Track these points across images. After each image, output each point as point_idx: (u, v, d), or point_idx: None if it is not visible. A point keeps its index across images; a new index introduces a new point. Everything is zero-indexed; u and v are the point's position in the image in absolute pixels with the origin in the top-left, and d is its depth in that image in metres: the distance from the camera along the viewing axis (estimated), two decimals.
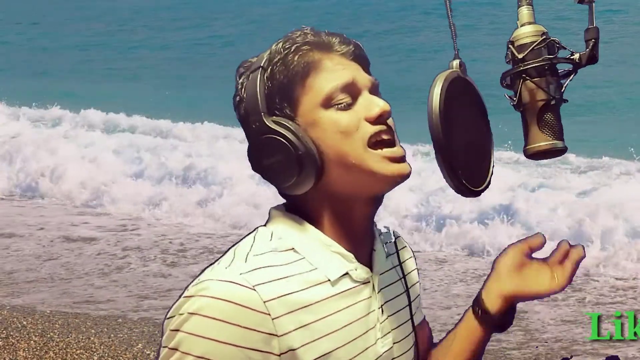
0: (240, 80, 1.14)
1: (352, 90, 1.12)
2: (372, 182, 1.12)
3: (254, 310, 1.02)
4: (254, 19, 24.28)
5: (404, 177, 1.12)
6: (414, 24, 21.19)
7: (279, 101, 1.11)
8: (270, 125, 1.09)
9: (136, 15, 27.33)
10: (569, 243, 1.25)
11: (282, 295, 1.05)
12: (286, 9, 24.33)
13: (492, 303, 1.25)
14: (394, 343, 1.19)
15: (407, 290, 1.25)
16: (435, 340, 1.38)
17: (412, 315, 1.25)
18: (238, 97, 1.14)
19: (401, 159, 1.12)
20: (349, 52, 1.14)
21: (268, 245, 1.10)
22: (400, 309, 1.23)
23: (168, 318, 1.05)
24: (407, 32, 20.72)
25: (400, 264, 1.27)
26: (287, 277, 1.07)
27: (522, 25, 1.18)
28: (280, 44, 1.13)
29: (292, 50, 1.12)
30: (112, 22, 26.42)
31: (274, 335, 1.03)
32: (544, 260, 1.25)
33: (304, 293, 1.07)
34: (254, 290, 1.03)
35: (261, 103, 1.10)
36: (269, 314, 1.03)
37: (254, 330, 1.02)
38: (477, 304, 1.27)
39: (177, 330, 1.02)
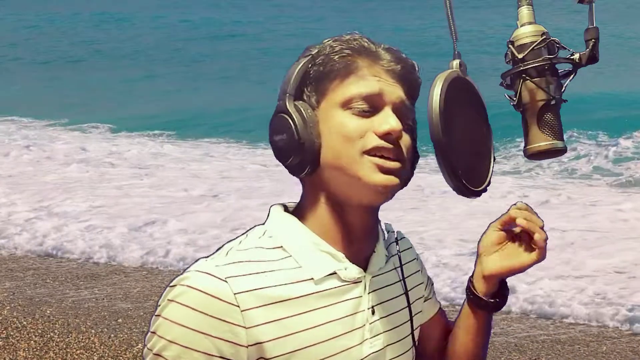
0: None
1: (374, 101, 1.12)
2: (358, 188, 1.12)
3: (223, 300, 1.05)
4: None
5: (388, 188, 1.12)
6: None
7: (309, 89, 1.15)
8: (289, 106, 1.13)
9: None
10: (527, 205, 1.23)
11: (255, 289, 1.07)
12: None
13: (479, 286, 1.27)
14: (387, 345, 1.19)
15: (406, 293, 1.25)
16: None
17: (411, 317, 1.25)
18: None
19: (389, 171, 1.11)
20: (394, 70, 1.15)
21: (255, 242, 1.14)
22: (398, 311, 1.23)
23: (158, 306, 1.10)
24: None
25: (402, 265, 1.26)
26: (266, 272, 1.10)
27: (522, 25, 1.18)
28: (331, 41, 1.16)
29: (339, 50, 1.14)
30: None
31: (241, 326, 1.06)
32: (521, 232, 1.22)
33: (282, 288, 1.09)
34: (225, 282, 1.06)
35: (293, 85, 1.14)
36: (238, 306, 1.06)
37: (221, 320, 1.05)
38: (468, 290, 1.29)
39: (159, 315, 1.08)
